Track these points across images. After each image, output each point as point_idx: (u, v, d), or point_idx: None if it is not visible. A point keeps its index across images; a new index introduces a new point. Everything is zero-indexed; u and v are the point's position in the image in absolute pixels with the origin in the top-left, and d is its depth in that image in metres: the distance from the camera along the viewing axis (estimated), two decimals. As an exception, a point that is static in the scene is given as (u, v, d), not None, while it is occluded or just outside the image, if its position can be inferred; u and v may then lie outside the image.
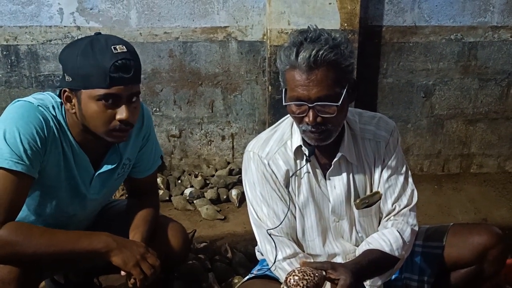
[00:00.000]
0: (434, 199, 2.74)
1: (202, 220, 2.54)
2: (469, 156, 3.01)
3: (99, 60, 1.17)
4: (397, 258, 1.32)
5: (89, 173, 1.37)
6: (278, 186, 1.37)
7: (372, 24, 2.69)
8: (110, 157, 1.38)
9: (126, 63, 1.19)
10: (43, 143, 1.22)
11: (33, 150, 1.20)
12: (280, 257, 1.34)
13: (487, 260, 1.42)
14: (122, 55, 1.18)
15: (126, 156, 1.42)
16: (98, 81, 1.18)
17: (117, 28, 2.63)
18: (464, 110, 2.90)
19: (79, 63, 1.18)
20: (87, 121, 1.25)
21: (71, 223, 1.43)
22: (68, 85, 1.22)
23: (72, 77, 1.20)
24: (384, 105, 2.87)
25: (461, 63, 2.79)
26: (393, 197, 1.39)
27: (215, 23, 2.66)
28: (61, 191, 1.34)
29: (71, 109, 1.25)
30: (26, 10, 2.57)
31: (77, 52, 1.19)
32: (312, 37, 1.19)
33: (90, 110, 1.22)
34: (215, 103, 2.84)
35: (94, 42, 1.19)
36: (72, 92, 1.23)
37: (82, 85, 1.20)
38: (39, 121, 1.22)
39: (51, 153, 1.27)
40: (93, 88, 1.19)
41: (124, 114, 1.23)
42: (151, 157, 1.52)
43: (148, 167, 1.52)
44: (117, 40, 1.22)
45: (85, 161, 1.34)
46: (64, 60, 1.23)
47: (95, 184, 1.39)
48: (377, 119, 1.43)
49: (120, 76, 1.18)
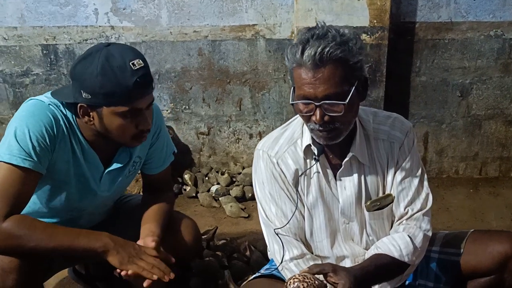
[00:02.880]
0: (468, 203, 2.62)
1: (226, 218, 2.56)
2: (509, 159, 2.85)
3: (121, 78, 1.20)
4: (407, 264, 1.28)
5: (99, 170, 1.41)
6: (287, 185, 1.36)
7: (404, 20, 2.60)
8: (120, 156, 1.43)
9: (146, 78, 1.25)
10: (51, 140, 1.27)
11: (42, 147, 1.25)
12: (287, 258, 1.33)
13: (508, 269, 1.34)
14: (141, 70, 1.23)
15: (136, 154, 1.46)
16: (121, 98, 1.23)
17: (149, 27, 2.70)
18: (504, 111, 2.75)
19: (99, 82, 1.20)
20: (110, 132, 1.30)
21: (82, 217, 1.49)
22: (87, 101, 1.24)
23: (91, 95, 1.23)
24: (416, 104, 2.77)
25: (501, 61, 2.64)
26: (406, 200, 1.34)
27: (243, 21, 2.67)
28: (71, 187, 1.39)
29: (89, 122, 1.29)
30: (64, 10, 2.69)
31: (95, 71, 1.20)
32: (319, 34, 1.16)
33: (115, 124, 1.27)
34: (243, 101, 2.85)
35: (111, 59, 1.21)
36: (90, 107, 1.26)
37: (104, 102, 1.24)
38: (49, 120, 1.27)
39: (60, 150, 1.31)
40: (116, 106, 1.24)
41: (147, 124, 1.32)
42: (162, 154, 1.55)
43: (160, 164, 1.56)
44: (131, 53, 1.25)
45: (94, 158, 1.39)
46: (80, 77, 1.23)
47: (104, 181, 1.44)
48: (392, 119, 1.38)
49: (142, 91, 1.25)
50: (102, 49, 1.23)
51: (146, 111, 1.30)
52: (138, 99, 1.25)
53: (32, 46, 2.77)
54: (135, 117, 1.27)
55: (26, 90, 2.87)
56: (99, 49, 1.24)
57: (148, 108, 1.31)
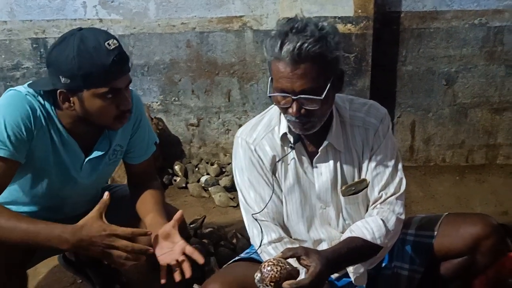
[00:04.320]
0: (454, 190, 2.66)
1: (215, 207, 2.60)
2: (495, 147, 2.89)
3: (97, 59, 1.21)
4: (379, 246, 1.31)
5: (79, 158, 1.42)
6: (265, 171, 1.39)
7: (390, 10, 2.63)
8: (101, 144, 1.44)
9: (122, 57, 1.26)
10: (28, 130, 1.27)
11: (17, 137, 1.26)
12: (266, 241, 1.37)
13: (480, 251, 1.37)
14: (116, 50, 1.24)
15: (116, 142, 1.47)
16: (100, 79, 1.24)
17: (137, 19, 2.73)
18: (490, 99, 2.79)
19: (77, 64, 1.20)
20: (92, 116, 1.31)
21: (65, 205, 1.51)
22: (66, 86, 1.25)
23: (70, 78, 1.22)
24: (403, 93, 2.80)
25: (486, 49, 2.67)
26: (380, 184, 1.37)
27: (230, 12, 2.70)
28: (51, 174, 1.40)
29: (70, 108, 1.29)
30: (53, 4, 2.71)
31: (71, 53, 1.20)
32: (297, 28, 1.17)
33: (96, 107, 1.28)
34: (231, 93, 2.88)
35: (85, 41, 1.21)
36: (70, 92, 1.26)
37: (83, 85, 1.24)
38: (26, 110, 1.27)
39: (39, 140, 1.31)
40: (95, 87, 1.24)
41: (127, 103, 1.33)
42: (144, 143, 1.56)
43: (142, 153, 1.57)
44: (105, 34, 1.26)
45: (74, 147, 1.40)
46: (56, 62, 1.23)
47: (85, 169, 1.45)
48: (367, 106, 1.41)
49: (119, 70, 1.26)
50: (75, 33, 1.24)
51: (125, 91, 1.32)
52: (117, 79, 1.27)
53: (22, 40, 2.81)
54: (115, 98, 1.29)
55: (17, 83, 2.89)
56: (73, 33, 1.25)
57: (127, 88, 1.32)
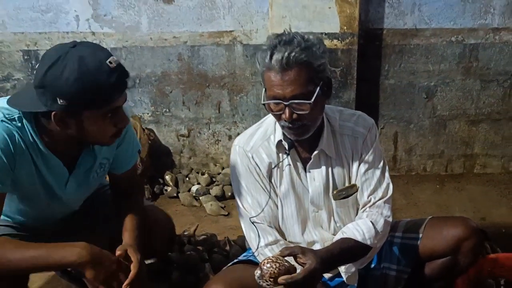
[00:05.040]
0: (435, 198, 2.78)
1: (207, 216, 2.66)
2: (473, 157, 3.04)
3: (101, 80, 1.15)
4: (369, 247, 1.40)
5: (64, 175, 1.39)
6: (262, 177, 1.47)
7: (373, 27, 2.76)
8: (84, 158, 1.41)
9: (124, 74, 1.22)
10: (10, 159, 1.22)
11: (0, 168, 1.21)
12: (263, 244, 1.44)
13: (461, 252, 1.48)
14: (118, 68, 1.19)
15: (102, 156, 1.44)
16: (102, 99, 1.18)
17: (129, 33, 2.79)
18: (467, 111, 2.93)
19: (78, 87, 1.13)
20: (89, 135, 1.26)
21: (53, 215, 1.52)
22: (64, 108, 1.17)
23: (70, 100, 1.15)
24: (386, 106, 2.93)
25: (463, 65, 2.82)
26: (369, 189, 1.47)
27: (221, 27, 2.79)
28: (38, 196, 1.39)
29: (64, 129, 1.22)
30: (45, 17, 2.76)
31: (71, 76, 1.13)
32: (285, 40, 1.28)
33: (95, 127, 1.23)
34: (222, 104, 2.97)
35: (85, 62, 1.14)
36: (68, 114, 1.19)
37: (84, 107, 1.18)
38: (3, 139, 1.21)
39: (21, 165, 1.27)
40: (97, 108, 1.19)
41: (126, 121, 1.30)
42: (128, 154, 1.54)
43: (125, 163, 1.55)
44: (102, 52, 1.20)
45: (58, 165, 1.36)
46: (54, 84, 1.14)
47: (71, 185, 1.42)
48: (356, 117, 1.51)
49: (121, 88, 1.22)
50: (69, 50, 1.15)
51: (122, 108, 1.27)
52: (118, 98, 1.22)
53: (13, 52, 2.84)
54: (114, 116, 1.25)
55: (7, 95, 2.88)
56: (67, 51, 1.15)
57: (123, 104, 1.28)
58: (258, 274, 1.23)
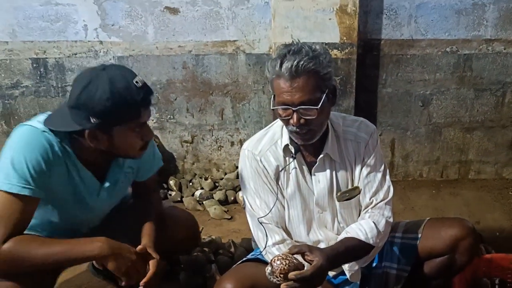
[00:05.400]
0: (431, 203, 2.87)
1: (210, 219, 2.73)
2: (467, 163, 3.14)
3: (129, 98, 1.28)
4: (371, 246, 1.48)
5: (95, 187, 1.50)
6: (269, 179, 1.55)
7: (371, 37, 2.86)
8: (113, 170, 1.53)
9: (149, 92, 1.35)
10: (48, 167, 1.33)
11: (39, 174, 1.31)
12: (270, 243, 1.52)
13: (458, 251, 1.56)
14: (144, 87, 1.32)
15: (127, 165, 1.57)
16: (131, 115, 1.31)
17: (136, 42, 2.88)
18: (461, 119, 3.04)
19: (110, 106, 1.26)
20: (119, 149, 1.38)
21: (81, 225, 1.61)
22: (96, 126, 1.30)
23: (102, 119, 1.28)
24: (383, 113, 3.03)
25: (457, 74, 2.93)
26: (371, 191, 1.55)
27: (225, 37, 2.88)
28: (68, 204, 1.48)
29: (97, 145, 1.34)
30: (55, 26, 2.84)
31: (103, 95, 1.25)
32: (294, 50, 1.37)
33: (125, 141, 1.36)
34: (224, 111, 3.05)
35: (115, 83, 1.27)
36: (100, 131, 1.32)
37: (115, 123, 1.31)
38: (44, 147, 1.33)
39: (56, 175, 1.37)
40: (126, 123, 1.32)
41: (151, 134, 1.42)
42: (149, 161, 1.67)
43: (148, 170, 1.68)
44: (129, 73, 1.32)
45: (90, 178, 1.47)
46: (88, 104, 1.27)
47: (102, 195, 1.54)
48: (358, 123, 1.60)
49: (147, 104, 1.35)
50: (99, 73, 1.29)
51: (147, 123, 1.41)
52: (144, 113, 1.34)
53: (23, 60, 2.91)
54: (141, 130, 1.37)
55: (15, 101, 3.00)
56: (96, 74, 1.29)
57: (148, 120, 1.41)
58: (269, 271, 1.31)
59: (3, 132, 3.06)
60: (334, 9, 2.64)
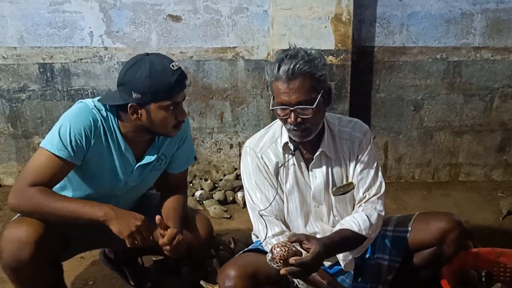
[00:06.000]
0: (423, 203, 2.99)
1: (210, 219, 2.82)
2: (457, 165, 3.26)
3: (165, 78, 1.48)
4: (364, 237, 1.58)
5: (132, 164, 1.67)
6: (270, 175, 1.66)
7: (365, 44, 3.00)
8: (151, 151, 1.70)
9: (183, 75, 1.54)
10: (87, 139, 1.53)
11: (78, 143, 1.52)
12: (270, 234, 1.62)
13: (446, 242, 1.67)
14: (179, 70, 1.52)
15: (162, 151, 1.72)
16: (166, 94, 1.50)
17: (139, 48, 2.99)
18: (451, 123, 3.16)
19: (148, 83, 1.47)
20: (155, 125, 1.56)
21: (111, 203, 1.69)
22: (137, 101, 1.51)
23: (141, 94, 1.49)
24: (377, 117, 3.15)
25: (447, 80, 3.06)
26: (364, 187, 1.66)
27: (225, 44, 3.01)
28: (103, 178, 1.65)
29: (137, 118, 1.54)
30: (61, 32, 2.95)
31: (143, 74, 1.47)
32: (291, 54, 1.48)
33: (160, 117, 1.54)
34: (224, 115, 3.16)
35: (155, 64, 1.48)
36: (140, 106, 1.52)
37: (151, 99, 1.50)
38: (89, 122, 1.54)
39: (96, 148, 1.57)
40: (162, 101, 1.51)
41: (184, 114, 1.61)
42: (185, 156, 1.83)
43: (182, 164, 1.84)
44: (167, 59, 1.54)
45: (130, 154, 1.65)
46: (130, 81, 1.49)
47: (135, 173, 1.69)
48: (353, 123, 1.72)
49: (181, 86, 1.54)
50: (143, 58, 1.51)
51: (181, 104, 1.59)
52: (178, 94, 1.53)
53: (30, 65, 3.02)
54: (175, 110, 1.55)
55: (22, 105, 3.09)
56: (141, 58, 1.51)
57: (182, 101, 1.59)
58: (269, 257, 1.41)
59: (10, 134, 3.15)
60: (329, 17, 2.77)
